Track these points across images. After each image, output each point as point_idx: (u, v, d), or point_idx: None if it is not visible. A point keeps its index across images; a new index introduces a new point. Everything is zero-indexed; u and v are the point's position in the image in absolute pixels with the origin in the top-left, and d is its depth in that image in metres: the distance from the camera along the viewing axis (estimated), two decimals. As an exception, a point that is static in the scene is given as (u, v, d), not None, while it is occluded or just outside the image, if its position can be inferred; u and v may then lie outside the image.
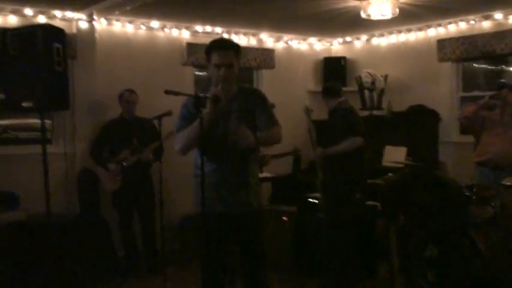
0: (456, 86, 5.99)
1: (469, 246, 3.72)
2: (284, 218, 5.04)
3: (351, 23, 5.79)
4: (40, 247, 4.31)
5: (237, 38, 6.20)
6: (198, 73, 6.12)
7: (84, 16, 5.16)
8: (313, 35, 6.91)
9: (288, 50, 6.86)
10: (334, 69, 6.85)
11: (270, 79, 6.67)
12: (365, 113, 6.13)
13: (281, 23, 6.02)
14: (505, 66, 6.03)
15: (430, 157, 5.68)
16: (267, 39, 6.61)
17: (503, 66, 6.04)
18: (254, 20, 5.83)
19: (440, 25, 5.97)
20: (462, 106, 5.80)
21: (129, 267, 5.08)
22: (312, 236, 4.87)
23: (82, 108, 5.22)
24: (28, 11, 4.87)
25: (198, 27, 5.91)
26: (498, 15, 5.45)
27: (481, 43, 5.57)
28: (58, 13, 5.03)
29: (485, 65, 6.10)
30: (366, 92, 6.32)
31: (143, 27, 5.61)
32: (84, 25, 5.21)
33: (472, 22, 5.69)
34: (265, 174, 5.46)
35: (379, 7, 4.63)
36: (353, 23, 5.78)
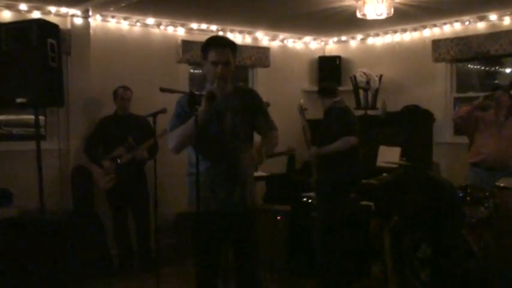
0: (450, 87, 6.00)
1: (462, 246, 3.74)
2: (278, 218, 5.03)
3: (347, 23, 5.79)
4: (33, 244, 4.28)
5: (233, 36, 6.18)
6: (193, 71, 6.11)
7: (79, 12, 5.13)
8: (308, 34, 6.91)
9: (283, 49, 6.86)
10: (329, 68, 6.84)
11: (265, 78, 6.66)
12: (359, 113, 6.12)
13: (277, 22, 6.02)
14: (499, 67, 6.06)
15: (424, 157, 5.69)
16: (263, 37, 6.60)
17: (497, 67, 6.07)
18: (250, 18, 5.82)
19: (435, 25, 5.98)
20: (456, 107, 5.82)
21: (123, 265, 5.07)
22: (306, 236, 4.87)
23: (76, 104, 5.18)
24: (23, 6, 4.83)
25: (194, 24, 5.89)
26: (493, 16, 5.48)
27: (476, 44, 5.58)
28: (53, 8, 5.00)
29: (479, 66, 6.12)
30: (361, 92, 6.32)
31: (138, 24, 5.59)
32: (79, 21, 5.17)
33: (467, 23, 5.71)
34: (259, 173, 5.45)
35: (374, 7, 4.63)
36: (348, 23, 5.78)
